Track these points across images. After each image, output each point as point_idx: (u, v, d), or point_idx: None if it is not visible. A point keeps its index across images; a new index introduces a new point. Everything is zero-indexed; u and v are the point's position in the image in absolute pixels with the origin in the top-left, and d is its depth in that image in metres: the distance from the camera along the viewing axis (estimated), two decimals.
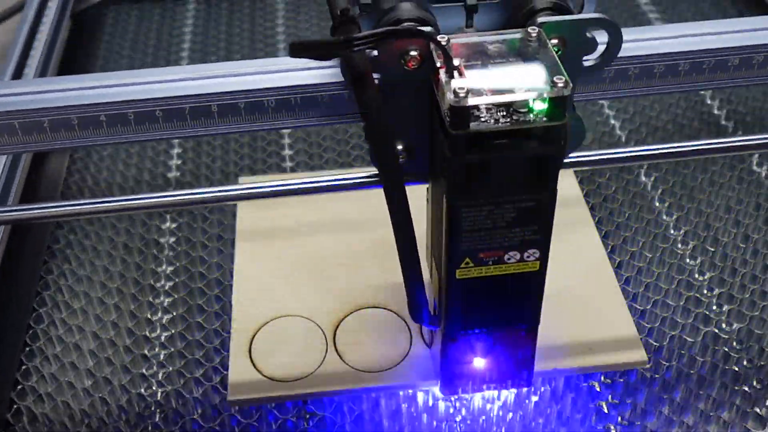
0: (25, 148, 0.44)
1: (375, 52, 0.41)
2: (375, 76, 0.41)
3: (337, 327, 0.56)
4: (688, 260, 0.61)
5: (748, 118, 0.74)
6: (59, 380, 0.55)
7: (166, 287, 0.61)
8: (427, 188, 0.47)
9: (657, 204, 0.66)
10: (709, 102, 0.76)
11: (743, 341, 0.56)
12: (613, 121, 0.74)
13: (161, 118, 0.43)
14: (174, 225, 0.66)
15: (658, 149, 0.51)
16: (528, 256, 0.43)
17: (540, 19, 0.42)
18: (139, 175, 0.71)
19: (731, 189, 0.67)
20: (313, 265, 0.60)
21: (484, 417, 0.52)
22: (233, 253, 0.62)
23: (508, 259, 0.43)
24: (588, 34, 0.43)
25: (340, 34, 0.40)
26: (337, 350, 0.54)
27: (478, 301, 0.45)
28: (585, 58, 0.43)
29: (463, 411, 0.53)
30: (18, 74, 0.75)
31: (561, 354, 0.54)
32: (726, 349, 0.55)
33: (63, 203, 0.48)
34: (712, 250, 0.62)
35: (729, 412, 0.52)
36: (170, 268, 0.62)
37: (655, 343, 0.56)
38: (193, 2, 0.93)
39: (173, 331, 0.58)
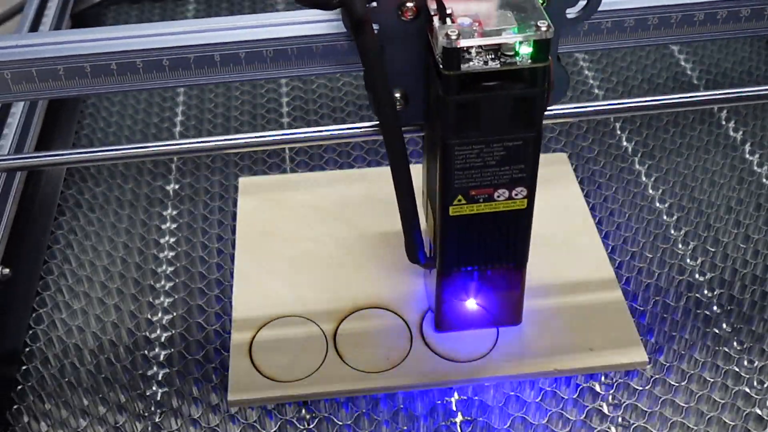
0: (41, 95, 0.47)
1: (374, 3, 0.44)
2: (374, 26, 0.44)
3: (337, 327, 0.56)
4: (688, 260, 0.61)
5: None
6: (60, 380, 0.55)
7: (166, 287, 0.61)
8: (423, 136, 0.50)
9: (657, 204, 0.66)
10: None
11: (744, 342, 0.56)
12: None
13: (167, 67, 0.46)
14: (174, 225, 0.66)
15: (632, 102, 0.53)
16: (516, 194, 0.46)
17: None
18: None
19: (732, 189, 0.66)
20: (313, 265, 0.60)
21: (484, 417, 0.52)
22: (233, 253, 0.62)
23: (498, 196, 0.46)
24: None
25: None
26: (337, 350, 0.54)
27: (470, 238, 0.48)
28: (568, 10, 0.46)
29: (463, 411, 0.52)
30: None
31: (561, 354, 0.54)
32: (726, 350, 0.55)
33: (75, 151, 0.51)
34: (713, 250, 0.62)
35: (730, 413, 0.52)
36: (170, 269, 0.62)
37: (655, 344, 0.56)
38: (193, 2, 0.93)
39: (173, 332, 0.58)
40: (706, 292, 0.59)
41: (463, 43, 0.41)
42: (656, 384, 0.54)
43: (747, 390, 0.53)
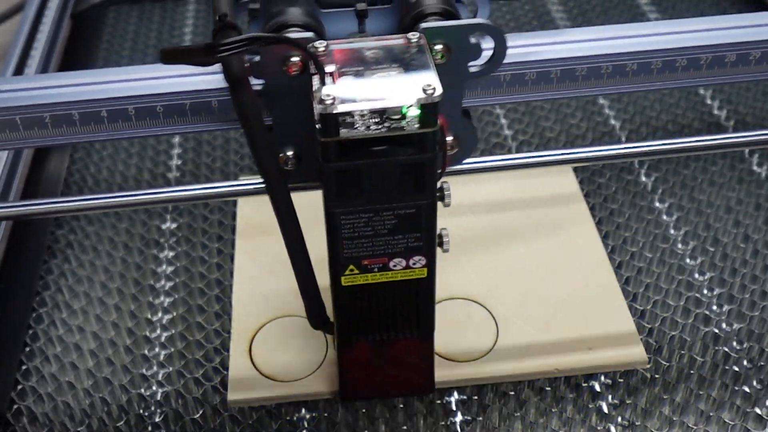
0: (26, 144, 0.44)
1: (257, 57, 0.41)
2: (258, 81, 0.41)
3: None
4: (688, 260, 0.61)
5: (748, 119, 0.74)
6: (59, 380, 0.55)
7: (166, 287, 0.61)
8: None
9: (657, 204, 0.66)
10: (709, 102, 0.76)
11: (743, 341, 0.56)
12: (613, 122, 0.74)
13: (161, 114, 0.44)
14: (174, 225, 0.66)
15: (655, 145, 0.51)
16: (414, 263, 0.43)
17: (423, 25, 0.42)
18: (139, 175, 0.71)
19: (731, 189, 0.66)
20: (312, 265, 0.60)
21: (483, 417, 0.52)
22: (233, 253, 0.62)
23: (394, 266, 0.43)
24: (473, 40, 0.42)
25: (218, 39, 0.40)
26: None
27: (368, 309, 0.45)
28: (470, 63, 0.43)
29: (463, 411, 0.52)
30: (18, 74, 0.74)
31: (561, 354, 0.54)
32: (726, 349, 0.55)
33: (63, 199, 0.48)
34: (712, 250, 0.62)
35: (729, 413, 0.52)
36: (170, 269, 0.62)
37: (655, 343, 0.56)
38: (193, 2, 0.93)
39: (173, 332, 0.58)
40: (706, 291, 0.59)
41: (341, 108, 0.37)
42: (656, 384, 0.54)
43: (746, 389, 0.53)
